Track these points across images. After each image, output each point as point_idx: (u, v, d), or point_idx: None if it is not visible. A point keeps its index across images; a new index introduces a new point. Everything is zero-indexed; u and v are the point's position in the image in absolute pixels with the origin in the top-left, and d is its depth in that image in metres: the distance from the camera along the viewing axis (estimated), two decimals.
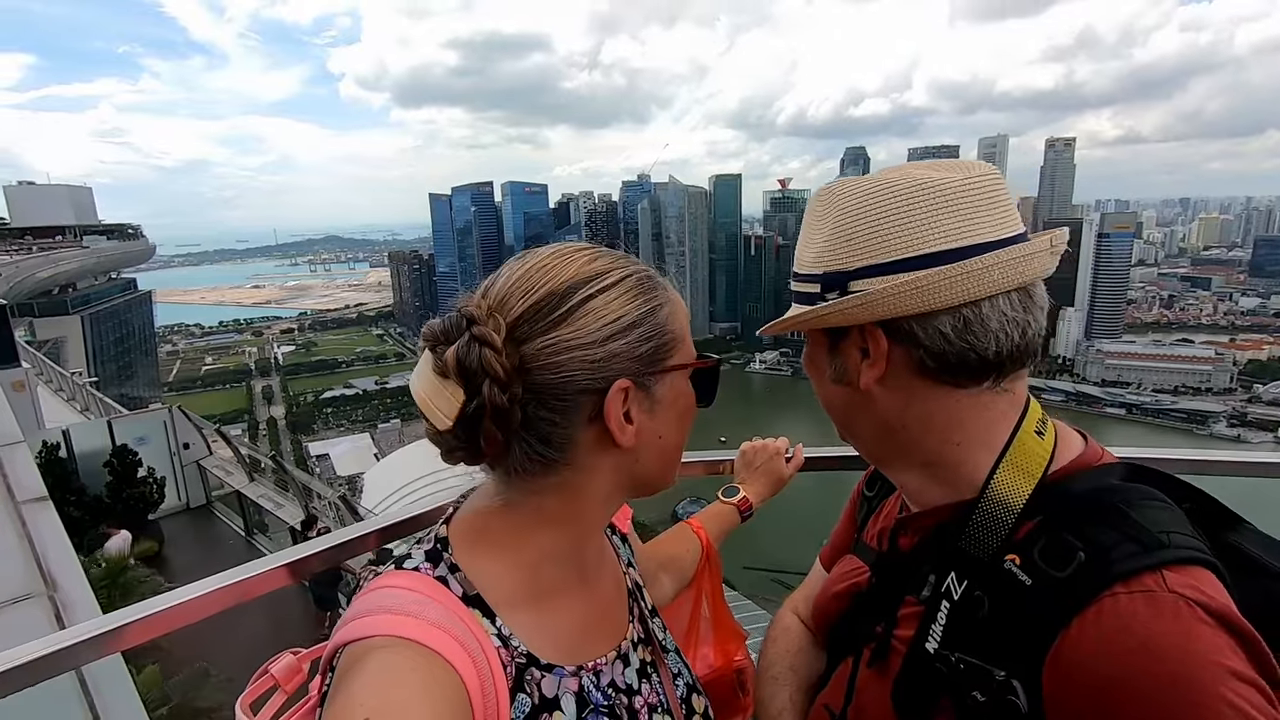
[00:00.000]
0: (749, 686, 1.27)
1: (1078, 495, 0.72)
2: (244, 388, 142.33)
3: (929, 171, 0.75)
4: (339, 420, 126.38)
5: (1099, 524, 0.67)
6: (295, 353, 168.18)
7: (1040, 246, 0.74)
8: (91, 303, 58.45)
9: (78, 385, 18.60)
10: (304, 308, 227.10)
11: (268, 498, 12.49)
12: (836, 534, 1.15)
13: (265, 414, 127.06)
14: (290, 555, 1.27)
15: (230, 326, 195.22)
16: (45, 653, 1.03)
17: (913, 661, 0.75)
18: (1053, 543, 0.68)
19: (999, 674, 0.66)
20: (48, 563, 2.75)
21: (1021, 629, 0.66)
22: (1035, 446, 0.76)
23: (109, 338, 61.54)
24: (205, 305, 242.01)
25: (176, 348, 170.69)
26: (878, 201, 0.74)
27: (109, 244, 67.60)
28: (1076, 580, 0.64)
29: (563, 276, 0.70)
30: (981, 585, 0.72)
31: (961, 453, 0.78)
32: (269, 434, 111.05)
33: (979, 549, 0.73)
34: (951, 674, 0.70)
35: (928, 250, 0.72)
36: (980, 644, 0.69)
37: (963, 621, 0.72)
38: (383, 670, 0.59)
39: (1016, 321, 0.73)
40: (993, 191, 0.74)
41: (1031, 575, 0.67)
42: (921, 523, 0.84)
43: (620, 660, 0.81)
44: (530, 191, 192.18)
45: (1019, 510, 0.72)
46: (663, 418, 0.75)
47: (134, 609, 1.12)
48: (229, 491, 13.30)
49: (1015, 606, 0.68)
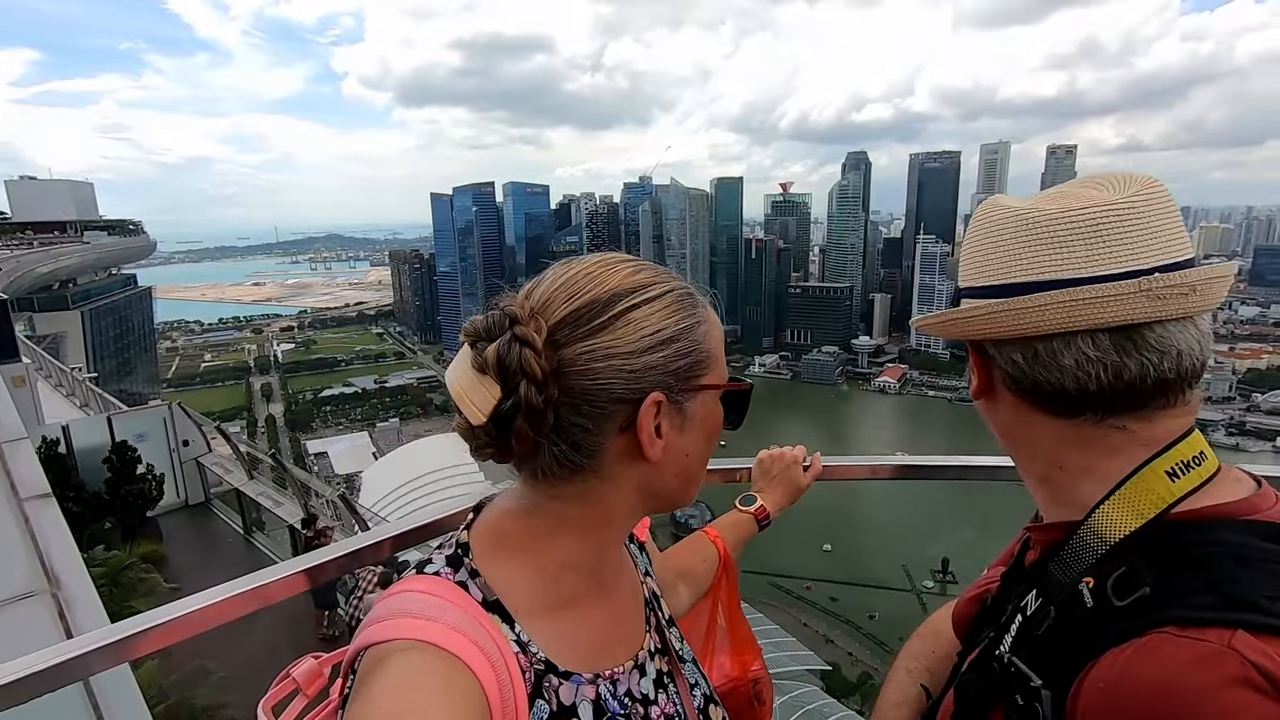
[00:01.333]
0: (765, 697, 1.28)
1: (1189, 539, 0.69)
2: (243, 385, 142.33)
3: (1046, 201, 0.74)
4: (338, 419, 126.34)
5: (1186, 567, 0.65)
6: (295, 350, 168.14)
7: (1123, 290, 0.68)
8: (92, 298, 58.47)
9: (77, 381, 18.56)
10: (304, 306, 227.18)
11: (266, 495, 12.47)
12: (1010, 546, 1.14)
13: (264, 412, 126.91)
14: (307, 561, 1.26)
15: (230, 323, 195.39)
16: (54, 663, 1.02)
17: (982, 663, 0.77)
18: (1129, 573, 0.67)
19: (1035, 681, 0.67)
20: (51, 561, 2.74)
21: (1068, 646, 0.67)
22: (1158, 486, 0.72)
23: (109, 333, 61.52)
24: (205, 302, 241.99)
25: (176, 344, 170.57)
26: (987, 226, 0.77)
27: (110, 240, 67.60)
28: (1131, 610, 0.63)
29: (607, 285, 0.71)
30: (1054, 602, 0.73)
31: (1067, 479, 0.77)
32: (267, 432, 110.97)
33: (1065, 574, 0.73)
34: (1001, 674, 0.72)
35: (1007, 281, 0.73)
36: (1033, 652, 0.71)
37: (1029, 628, 0.74)
38: (402, 673, 0.60)
39: (1100, 362, 0.70)
40: (1099, 225, 0.70)
41: (1096, 599, 0.67)
42: (1039, 537, 0.85)
43: (637, 670, 0.81)
44: (532, 192, 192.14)
45: (1113, 544, 0.71)
46: (691, 435, 0.76)
47: (145, 617, 1.10)
48: (228, 489, 13.27)
49: (1071, 625, 0.69)
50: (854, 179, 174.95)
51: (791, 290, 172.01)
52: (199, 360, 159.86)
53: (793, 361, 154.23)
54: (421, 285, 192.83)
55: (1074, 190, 0.74)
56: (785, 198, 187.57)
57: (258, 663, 6.42)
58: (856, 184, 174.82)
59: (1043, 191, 0.77)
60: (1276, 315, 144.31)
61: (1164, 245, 0.69)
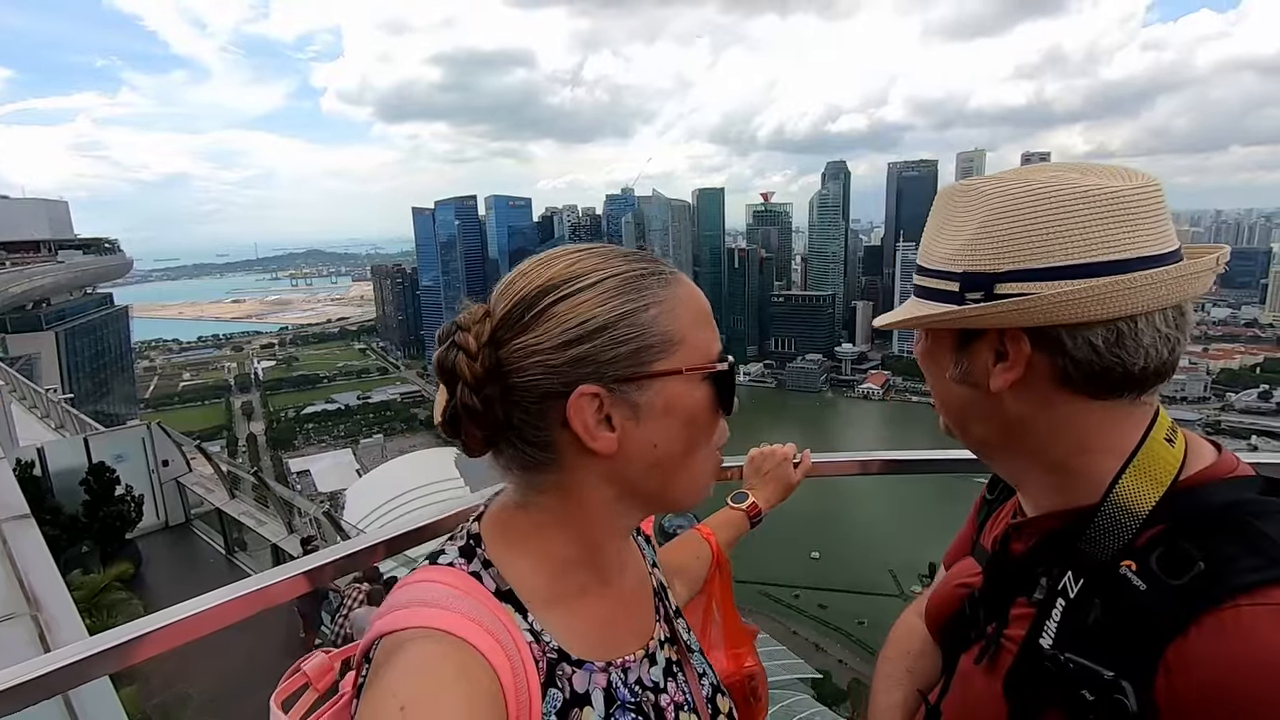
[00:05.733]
0: (760, 693, 1.28)
1: (1204, 505, 0.71)
2: (223, 404, 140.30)
3: (1089, 177, 0.72)
4: (320, 436, 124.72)
5: (1222, 534, 0.66)
6: (276, 368, 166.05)
7: (1205, 265, 0.72)
8: (66, 318, 57.47)
9: (52, 402, 18.22)
10: (285, 322, 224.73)
11: (249, 514, 12.28)
12: (959, 538, 1.14)
13: (245, 430, 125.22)
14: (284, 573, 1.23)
15: (209, 341, 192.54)
16: (31, 677, 0.99)
17: (1027, 657, 0.75)
18: (1171, 551, 0.67)
19: (1107, 674, 0.66)
20: (30, 582, 2.68)
21: (1133, 633, 0.66)
22: (1165, 454, 0.75)
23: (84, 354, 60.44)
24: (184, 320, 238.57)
25: (154, 363, 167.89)
26: (1036, 203, 0.72)
27: (85, 258, 66.45)
28: (1193, 589, 0.64)
29: (538, 281, 0.72)
30: (1096, 588, 0.72)
31: (1086, 461, 0.77)
32: (249, 450, 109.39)
33: (1098, 551, 0.73)
34: (1060, 672, 0.70)
35: (1090, 260, 0.70)
36: (1091, 645, 0.69)
37: (1075, 622, 0.72)
38: (418, 660, 0.61)
39: (1168, 339, 0.72)
40: (1156, 203, 0.72)
41: (1146, 581, 0.67)
42: (1037, 527, 0.84)
43: (648, 659, 0.82)
44: (514, 205, 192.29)
45: (1143, 516, 0.72)
46: (654, 425, 0.73)
47: (126, 628, 1.08)
48: (209, 509, 13.06)
49: (1127, 611, 0.67)
50: (834, 188, 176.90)
51: (775, 299, 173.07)
52: (178, 379, 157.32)
53: (777, 370, 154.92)
54: (404, 300, 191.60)
55: (1080, 173, 0.73)
56: (766, 207, 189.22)
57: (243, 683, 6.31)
58: (836, 193, 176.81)
59: (1035, 168, 0.76)
60: (1247, 316, 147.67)
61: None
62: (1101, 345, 0.71)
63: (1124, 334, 0.71)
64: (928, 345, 0.86)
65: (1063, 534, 0.77)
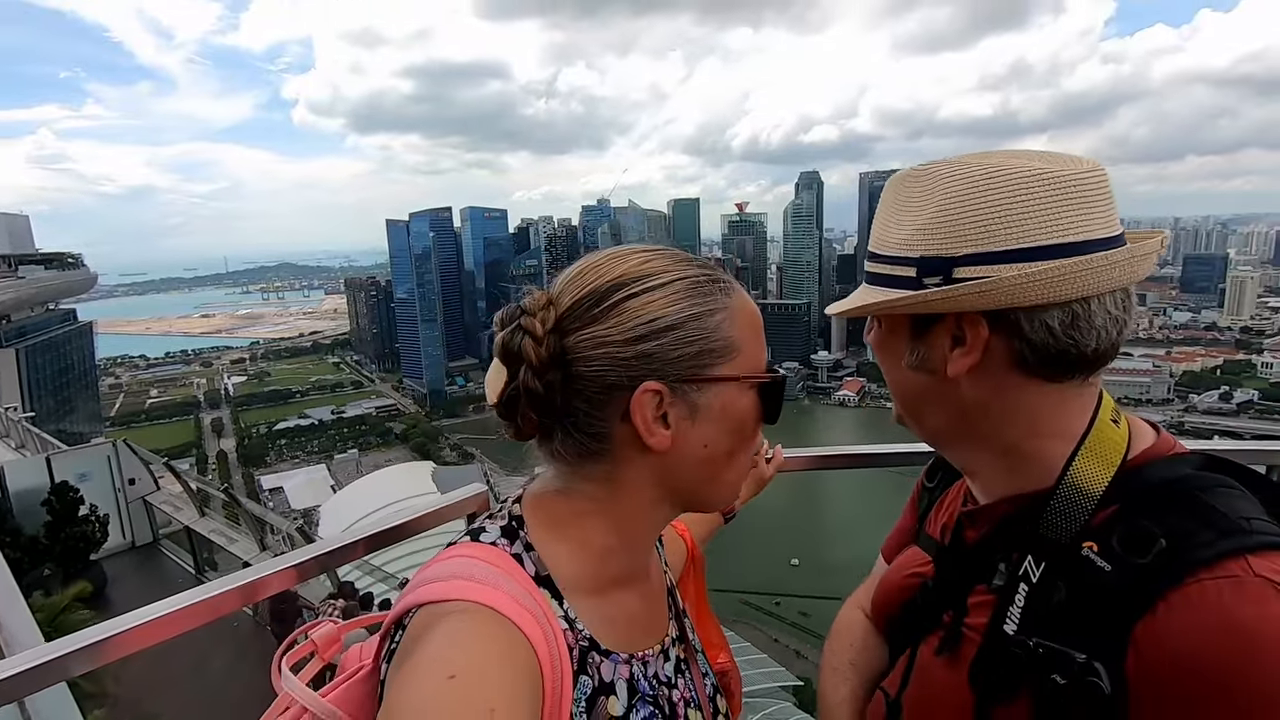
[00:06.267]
0: (734, 689, 1.27)
1: (1154, 483, 0.72)
2: (192, 420, 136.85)
3: (1038, 162, 0.72)
4: (294, 452, 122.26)
5: (1177, 511, 0.68)
6: (247, 383, 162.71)
7: (1152, 247, 0.74)
8: (27, 335, 55.87)
9: (12, 421, 17.72)
10: (256, 336, 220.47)
11: (219, 533, 12.05)
12: (898, 527, 1.15)
13: (215, 447, 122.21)
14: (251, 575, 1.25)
15: (178, 357, 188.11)
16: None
17: (991, 644, 0.75)
18: (1131, 530, 0.68)
19: (1079, 657, 0.66)
20: None
21: (1101, 613, 0.66)
22: (1113, 435, 0.76)
23: (47, 371, 58.75)
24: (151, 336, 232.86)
25: (120, 380, 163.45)
26: (992, 187, 0.72)
27: (47, 274, 64.67)
28: (1158, 566, 0.64)
29: (611, 275, 0.74)
30: (1059, 571, 0.72)
31: (1040, 444, 0.77)
32: (219, 468, 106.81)
33: (1057, 534, 0.73)
34: (1029, 658, 0.70)
35: (1047, 242, 0.71)
36: (1058, 629, 0.69)
37: (1039, 606, 0.72)
38: (467, 631, 0.61)
39: (1117, 320, 0.73)
40: (1104, 187, 0.73)
41: (1110, 561, 0.68)
42: (991, 514, 0.84)
43: (663, 654, 0.84)
44: (490, 217, 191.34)
45: (1098, 497, 0.73)
46: (708, 428, 0.74)
47: (82, 635, 1.06)
48: (178, 528, 12.77)
49: (1093, 592, 0.68)
50: (807, 198, 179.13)
51: None
52: (144, 396, 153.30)
53: None
54: (379, 313, 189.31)
55: (1030, 159, 0.73)
56: (742, 217, 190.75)
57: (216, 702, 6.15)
58: (810, 203, 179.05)
59: (986, 155, 0.75)
60: (1207, 320, 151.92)
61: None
62: (1058, 327, 0.72)
63: (1079, 316, 0.72)
64: (882, 333, 0.86)
65: (1018, 518, 0.77)
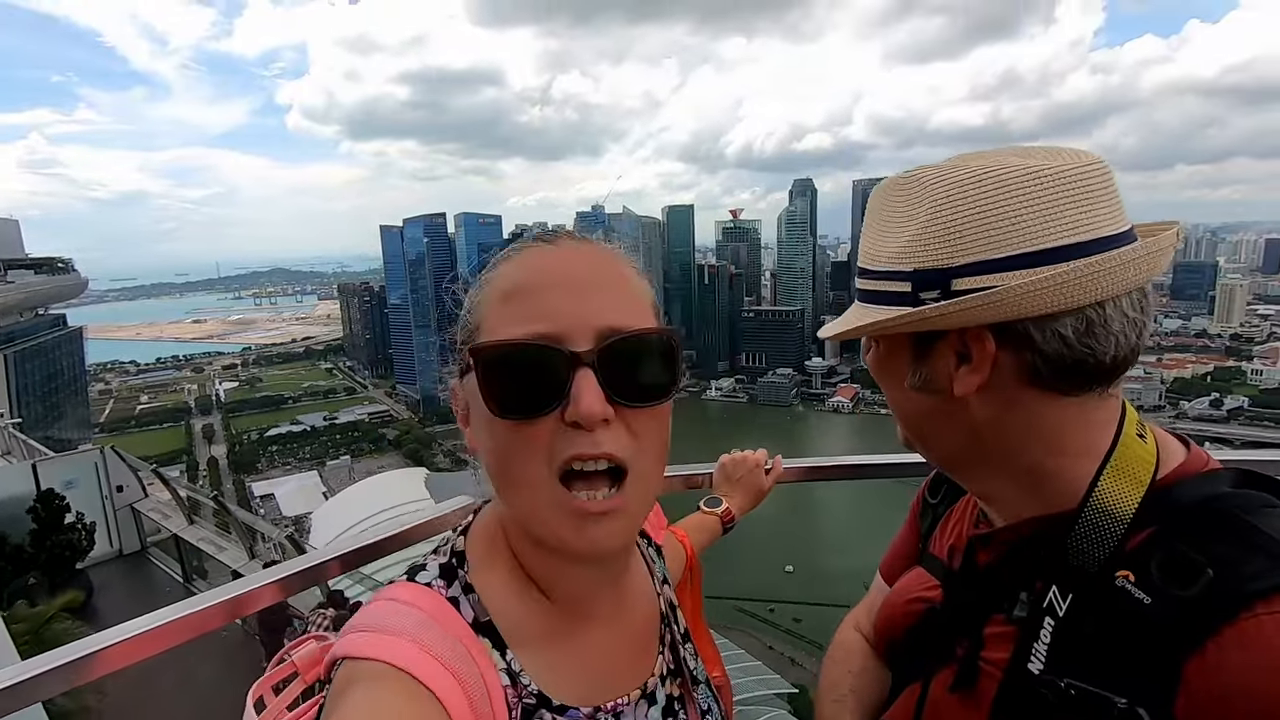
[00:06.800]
0: (726, 705, 1.30)
1: (1192, 504, 0.66)
2: (183, 427, 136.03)
3: (1033, 159, 0.67)
4: (285, 458, 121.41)
5: (1222, 536, 0.62)
6: (239, 389, 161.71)
7: (1168, 241, 0.68)
8: (15, 340, 55.39)
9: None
10: (248, 342, 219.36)
11: (209, 540, 11.91)
12: (898, 544, 1.09)
13: (206, 454, 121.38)
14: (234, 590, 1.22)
15: (169, 363, 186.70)
16: None
17: (1015, 685, 0.68)
18: (1171, 557, 0.62)
19: (1120, 702, 0.59)
20: None
21: (1142, 652, 0.60)
22: (1140, 451, 0.70)
23: (35, 377, 58.28)
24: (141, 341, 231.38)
25: (110, 386, 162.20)
26: (985, 190, 0.67)
27: (37, 278, 64.21)
28: (1206, 599, 0.58)
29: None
30: (1089, 603, 0.66)
31: (1062, 463, 0.71)
32: (209, 475, 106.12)
33: (1085, 561, 0.67)
34: (1060, 701, 0.63)
35: (1050, 245, 0.65)
36: (1091, 668, 0.63)
37: (1069, 642, 0.66)
38: (370, 703, 0.56)
39: (1136, 323, 0.68)
40: (1107, 181, 0.67)
41: (1150, 593, 0.61)
42: (1006, 538, 0.78)
43: (645, 700, 0.73)
44: (484, 223, 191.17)
45: (1128, 520, 0.66)
46: (475, 424, 0.66)
47: (58, 653, 1.00)
48: (166, 536, 12.62)
49: (1132, 627, 0.61)
50: (801, 205, 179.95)
51: (745, 314, 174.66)
52: (134, 402, 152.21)
53: (749, 384, 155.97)
54: (372, 318, 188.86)
55: (1024, 156, 0.68)
56: (736, 224, 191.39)
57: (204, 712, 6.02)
58: (804, 210, 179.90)
59: (978, 155, 0.70)
60: (1197, 327, 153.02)
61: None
62: (1071, 336, 0.66)
63: (1094, 322, 0.66)
64: (880, 353, 0.80)
65: (1039, 543, 0.72)
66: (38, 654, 1.00)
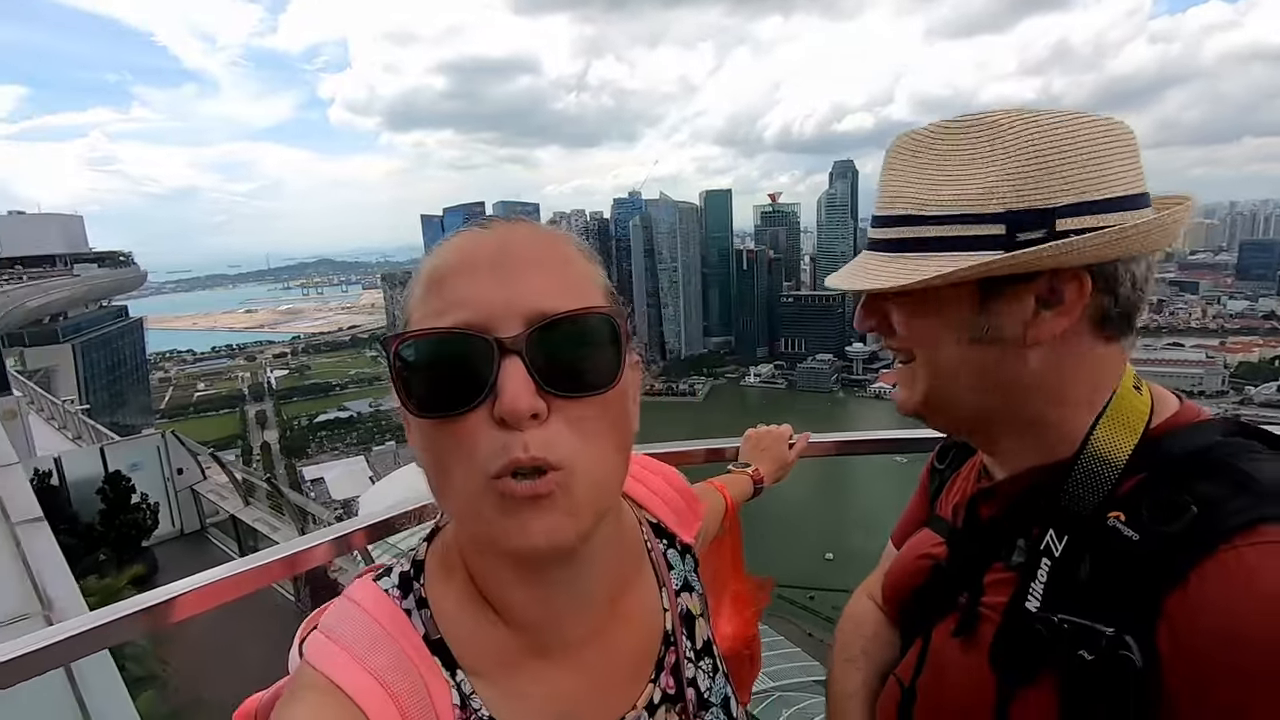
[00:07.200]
0: (755, 652, 1.29)
1: (1182, 450, 0.69)
2: (237, 413, 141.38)
3: (1090, 115, 0.69)
4: (333, 444, 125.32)
5: (1209, 477, 0.65)
6: (288, 376, 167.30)
7: (1185, 211, 0.71)
8: (82, 331, 58.12)
9: (69, 413, 18.44)
10: (297, 331, 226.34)
11: (263, 521, 12.36)
12: (908, 511, 1.11)
13: (259, 439, 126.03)
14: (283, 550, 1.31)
15: (222, 351, 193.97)
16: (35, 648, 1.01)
17: (1013, 622, 0.71)
18: (1160, 498, 0.65)
19: (1107, 631, 0.63)
20: (43, 582, 2.72)
21: (1129, 585, 0.63)
22: (1135, 401, 0.73)
23: (100, 365, 61.10)
24: (197, 331, 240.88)
25: (168, 374, 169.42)
26: (1077, 134, 0.67)
27: (100, 272, 67.30)
28: (1190, 534, 0.61)
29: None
30: (1083, 543, 0.69)
31: (1064, 413, 0.74)
32: (262, 459, 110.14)
33: (1079, 505, 0.70)
34: (1053, 635, 0.66)
35: (1134, 191, 0.68)
36: (1084, 604, 0.66)
37: (1063, 581, 0.69)
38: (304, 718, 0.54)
39: (1156, 274, 0.72)
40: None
41: (1138, 530, 0.64)
42: (1007, 489, 0.80)
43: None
44: (522, 210, 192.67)
45: (1121, 465, 0.70)
46: (407, 424, 0.59)
47: (124, 604, 1.12)
48: (224, 517, 13.17)
49: (1121, 563, 0.65)
50: (841, 187, 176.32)
51: (784, 299, 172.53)
52: (192, 390, 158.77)
53: (788, 370, 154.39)
54: None
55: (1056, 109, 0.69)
56: (774, 208, 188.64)
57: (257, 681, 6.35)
58: (844, 192, 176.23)
59: (1032, 106, 0.71)
60: (1265, 308, 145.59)
61: None
62: (1141, 280, 0.69)
63: (1151, 269, 0.70)
64: (929, 308, 0.75)
65: (1036, 492, 0.74)
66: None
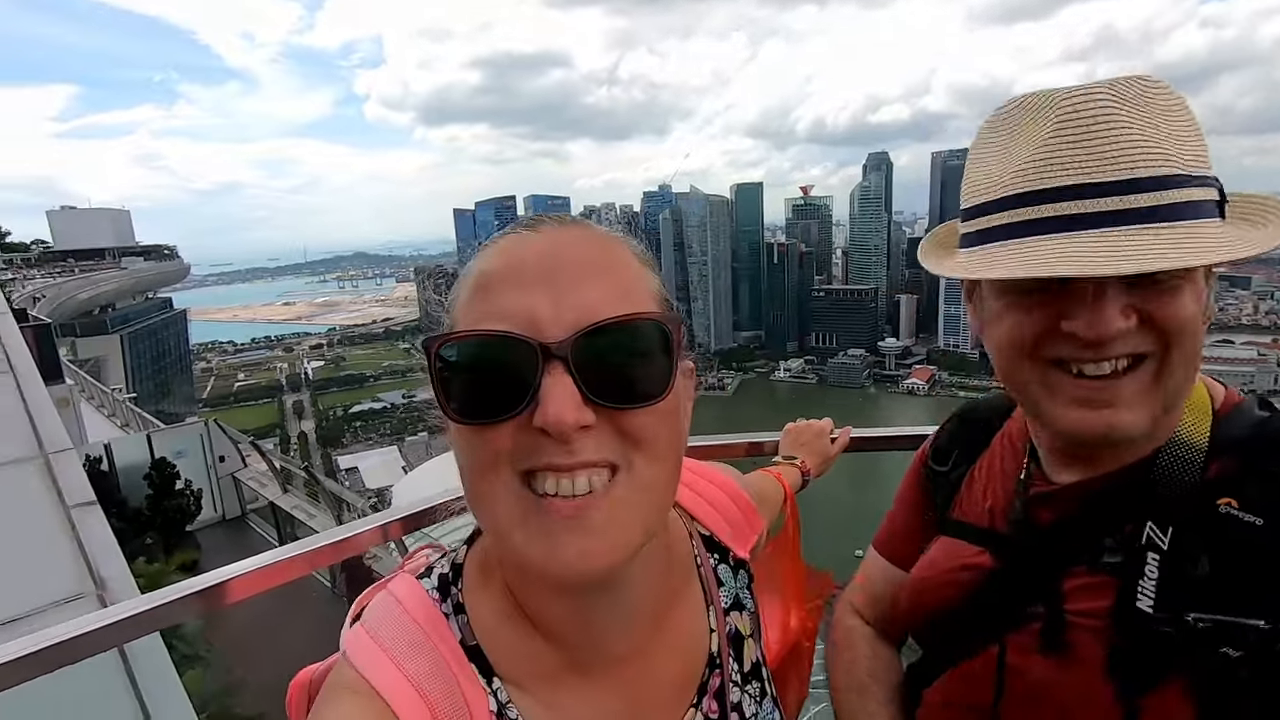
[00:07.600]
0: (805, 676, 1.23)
1: (1261, 430, 0.67)
2: (275, 403, 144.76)
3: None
4: (367, 434, 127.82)
5: None
6: (324, 368, 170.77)
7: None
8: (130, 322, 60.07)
9: (118, 401, 19.12)
10: (333, 323, 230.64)
11: (300, 508, 12.69)
12: (899, 519, 1.05)
13: (296, 428, 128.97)
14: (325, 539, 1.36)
15: (262, 343, 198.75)
16: (92, 628, 1.05)
17: (1129, 626, 0.66)
18: (1271, 479, 0.62)
19: (1259, 624, 0.58)
20: (96, 563, 2.82)
21: (1266, 574, 0.60)
22: (1198, 386, 0.72)
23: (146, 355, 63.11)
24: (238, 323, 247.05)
25: (210, 364, 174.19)
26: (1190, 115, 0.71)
27: (146, 265, 69.45)
28: None
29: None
30: (1193, 534, 0.64)
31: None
32: (299, 448, 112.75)
33: (1176, 492, 0.66)
34: (1186, 636, 0.61)
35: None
36: (1211, 599, 0.61)
37: (1180, 577, 0.64)
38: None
39: None
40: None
41: (1260, 515, 0.61)
42: (1074, 493, 0.76)
43: None
44: (553, 204, 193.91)
45: (1205, 449, 0.68)
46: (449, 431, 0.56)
47: (177, 587, 1.17)
48: (263, 503, 13.53)
49: (1250, 551, 0.61)
50: (875, 180, 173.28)
51: (815, 294, 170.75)
52: (233, 380, 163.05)
53: (819, 365, 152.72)
54: None
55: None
56: (806, 201, 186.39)
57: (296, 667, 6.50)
58: (878, 185, 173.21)
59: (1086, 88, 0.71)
60: None
61: None
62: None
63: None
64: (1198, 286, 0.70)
65: (1113, 492, 0.70)
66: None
